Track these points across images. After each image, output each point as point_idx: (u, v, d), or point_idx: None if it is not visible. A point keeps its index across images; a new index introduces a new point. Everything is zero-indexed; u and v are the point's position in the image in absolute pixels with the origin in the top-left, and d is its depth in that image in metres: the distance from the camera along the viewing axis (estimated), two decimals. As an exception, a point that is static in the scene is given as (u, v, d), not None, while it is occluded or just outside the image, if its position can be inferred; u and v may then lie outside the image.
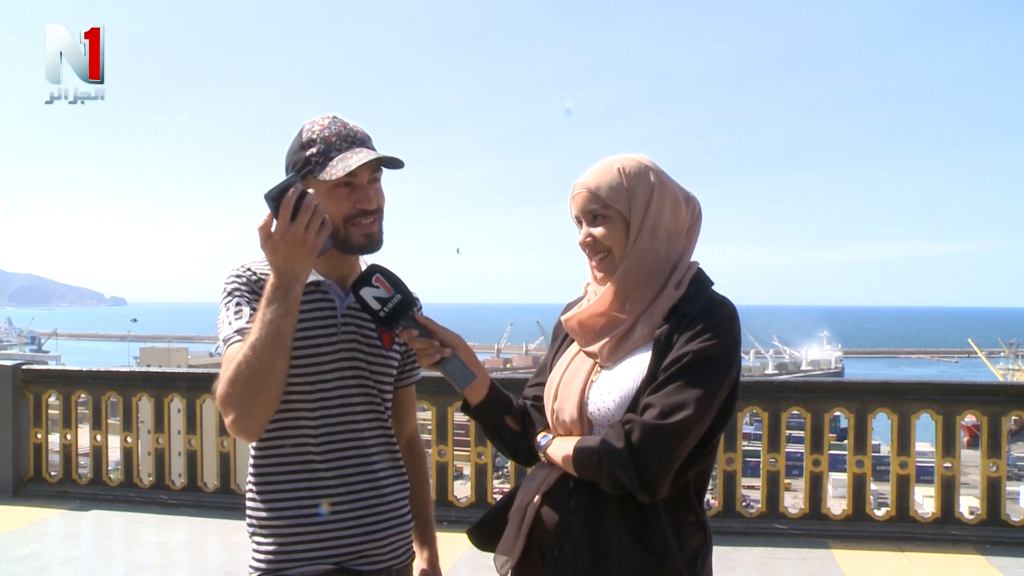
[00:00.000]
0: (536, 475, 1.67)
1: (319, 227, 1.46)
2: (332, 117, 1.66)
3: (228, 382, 1.47)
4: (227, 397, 1.48)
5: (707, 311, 1.53)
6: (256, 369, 1.45)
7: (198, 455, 5.76)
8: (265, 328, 1.46)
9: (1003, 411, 4.94)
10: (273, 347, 1.45)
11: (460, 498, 5.44)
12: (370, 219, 1.63)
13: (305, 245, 1.46)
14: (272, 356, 1.45)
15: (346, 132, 1.63)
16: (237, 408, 1.48)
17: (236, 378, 1.46)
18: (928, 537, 4.87)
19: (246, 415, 1.49)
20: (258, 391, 1.47)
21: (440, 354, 1.58)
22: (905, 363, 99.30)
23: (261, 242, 1.47)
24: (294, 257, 1.46)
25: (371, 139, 1.67)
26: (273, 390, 1.49)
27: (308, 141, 1.62)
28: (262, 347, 1.45)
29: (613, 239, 1.60)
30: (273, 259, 1.47)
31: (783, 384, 6.58)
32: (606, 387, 1.58)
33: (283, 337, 1.47)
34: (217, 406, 1.50)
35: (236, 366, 1.46)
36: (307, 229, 1.45)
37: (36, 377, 6.09)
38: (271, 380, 1.47)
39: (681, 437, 1.45)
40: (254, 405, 1.48)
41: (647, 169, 1.62)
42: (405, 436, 1.91)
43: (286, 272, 1.47)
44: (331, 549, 1.65)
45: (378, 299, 1.55)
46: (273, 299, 1.47)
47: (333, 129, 1.63)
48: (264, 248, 1.48)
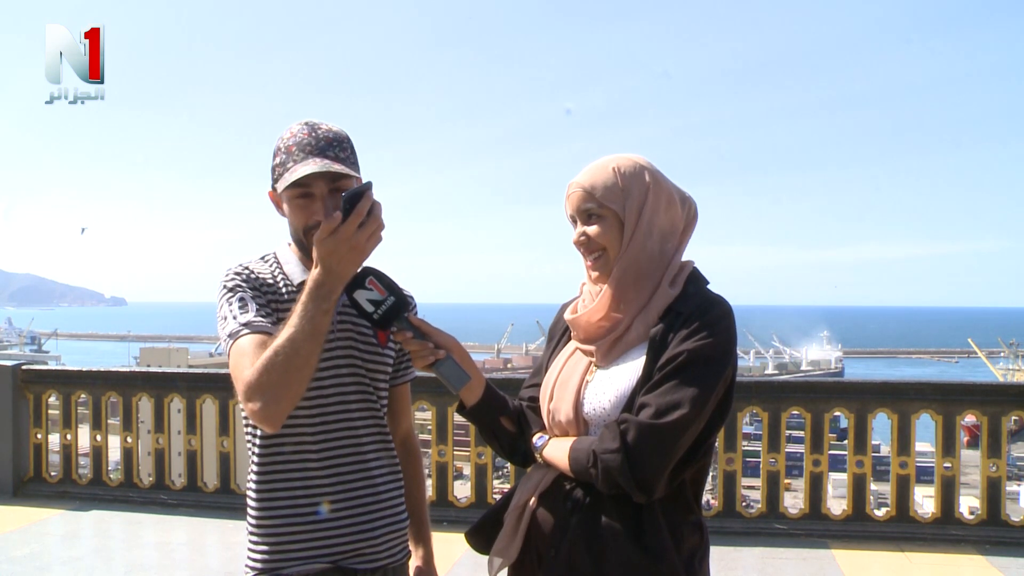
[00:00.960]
0: (533, 476, 1.67)
1: (377, 237, 1.48)
2: (304, 123, 1.64)
3: (262, 370, 1.47)
4: (259, 385, 1.47)
5: (702, 310, 1.53)
6: (293, 361, 1.46)
7: (198, 455, 5.76)
8: (308, 323, 1.46)
9: (1003, 411, 4.94)
10: (311, 342, 1.46)
11: (460, 498, 5.44)
12: None
13: (362, 251, 1.47)
14: (310, 350, 1.47)
15: (308, 140, 1.61)
16: (268, 396, 1.48)
17: (271, 367, 1.46)
18: (928, 537, 4.87)
19: (275, 403, 1.49)
20: (292, 382, 1.48)
21: (434, 356, 1.57)
22: (905, 363, 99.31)
23: (320, 237, 1.46)
24: (347, 259, 1.46)
25: (342, 142, 1.64)
26: (303, 384, 1.50)
27: (276, 150, 1.64)
28: (302, 339, 1.46)
29: (607, 238, 1.60)
30: (326, 258, 1.46)
31: (783, 384, 6.59)
32: (602, 387, 1.58)
33: (321, 333, 1.48)
34: (242, 393, 1.50)
35: (272, 354, 1.46)
36: (370, 239, 1.46)
37: (36, 377, 6.09)
38: (306, 373, 1.49)
39: (676, 436, 1.45)
40: (285, 395, 1.49)
41: (642, 169, 1.62)
42: (400, 434, 1.91)
43: (336, 273, 1.47)
44: (327, 548, 1.65)
45: (372, 301, 1.55)
46: (317, 296, 1.47)
47: (298, 138, 1.62)
48: (321, 244, 1.46)
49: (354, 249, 1.45)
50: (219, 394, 5.69)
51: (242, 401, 1.51)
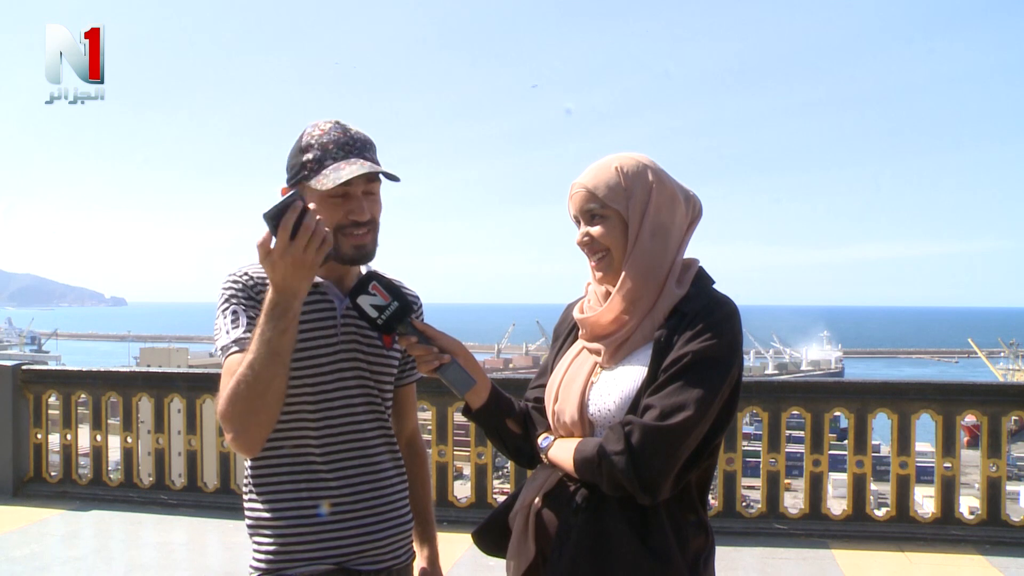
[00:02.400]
0: (537, 477, 1.66)
1: (319, 245, 1.45)
2: (335, 122, 1.63)
3: (227, 400, 1.48)
4: (227, 415, 1.49)
5: (707, 310, 1.52)
6: (254, 389, 1.45)
7: (198, 455, 5.76)
8: (264, 347, 1.45)
9: (1003, 411, 4.94)
10: (271, 365, 1.45)
11: (460, 498, 5.44)
12: (362, 230, 1.61)
13: (304, 264, 1.44)
14: (270, 375, 1.45)
15: (345, 139, 1.61)
16: (236, 426, 1.49)
17: (235, 397, 1.47)
18: (928, 537, 4.87)
19: (244, 433, 1.50)
20: (256, 410, 1.48)
21: (439, 360, 1.56)
22: (905, 363, 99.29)
23: (260, 259, 1.46)
24: (293, 276, 1.44)
25: (373, 145, 1.65)
26: (272, 408, 1.50)
27: (306, 146, 1.61)
28: (260, 366, 1.45)
29: (611, 238, 1.59)
30: (272, 276, 1.46)
31: (783, 384, 6.58)
32: (606, 388, 1.57)
33: (281, 355, 1.46)
34: (218, 420, 1.51)
35: (235, 384, 1.46)
36: (306, 249, 1.43)
37: (36, 377, 6.09)
38: (269, 399, 1.48)
39: (682, 438, 1.45)
40: (252, 424, 1.49)
41: (645, 168, 1.61)
42: (406, 435, 1.91)
43: (285, 290, 1.46)
44: (332, 549, 1.64)
45: (375, 307, 1.54)
46: (272, 316, 1.46)
47: (332, 135, 1.61)
48: (263, 264, 1.47)
49: (296, 263, 1.43)
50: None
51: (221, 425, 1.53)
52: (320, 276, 1.67)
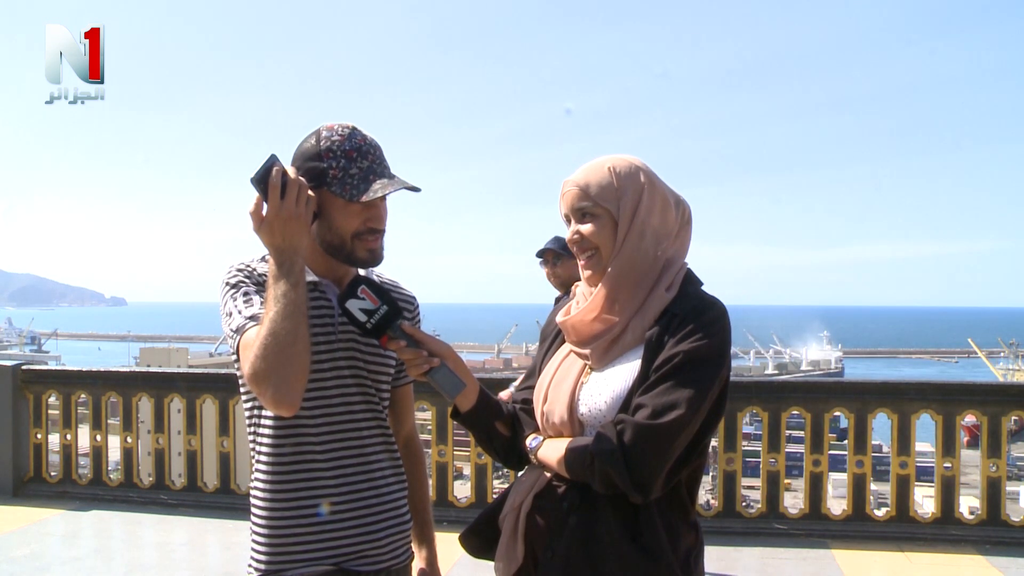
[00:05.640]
0: (526, 478, 1.66)
1: (307, 198, 1.52)
2: (351, 128, 1.64)
3: (258, 358, 1.47)
4: (261, 372, 1.47)
5: (697, 311, 1.53)
6: (282, 339, 1.46)
7: (198, 455, 5.77)
8: (279, 301, 1.48)
9: (1003, 411, 4.94)
10: (292, 316, 1.47)
11: (460, 498, 5.44)
12: (376, 235, 1.65)
13: (299, 217, 1.51)
14: (293, 324, 1.47)
15: (365, 148, 1.63)
16: (274, 380, 1.47)
17: (265, 352, 1.46)
18: (928, 537, 4.87)
19: (284, 385, 1.48)
20: (289, 360, 1.47)
21: (428, 364, 1.56)
22: (905, 363, 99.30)
23: (255, 227, 1.51)
24: (291, 231, 1.50)
25: (382, 151, 1.67)
26: (303, 356, 1.50)
27: (326, 151, 1.61)
28: (281, 318, 1.47)
29: (601, 237, 1.60)
30: (271, 239, 1.51)
31: (783, 384, 6.59)
32: (597, 388, 1.58)
33: (299, 306, 1.49)
34: (252, 386, 1.51)
35: (262, 341, 1.47)
36: (299, 202, 1.50)
37: (36, 377, 6.10)
38: (299, 347, 1.48)
39: (673, 437, 1.45)
40: (289, 374, 1.48)
41: (637, 169, 1.62)
42: (403, 435, 1.91)
43: (286, 247, 1.50)
44: (330, 550, 1.64)
45: (364, 311, 1.55)
46: (279, 275, 1.49)
47: (353, 143, 1.62)
48: (260, 232, 1.52)
49: (290, 218, 1.50)
50: (219, 394, 5.69)
51: (255, 392, 1.51)
52: (319, 275, 1.68)
